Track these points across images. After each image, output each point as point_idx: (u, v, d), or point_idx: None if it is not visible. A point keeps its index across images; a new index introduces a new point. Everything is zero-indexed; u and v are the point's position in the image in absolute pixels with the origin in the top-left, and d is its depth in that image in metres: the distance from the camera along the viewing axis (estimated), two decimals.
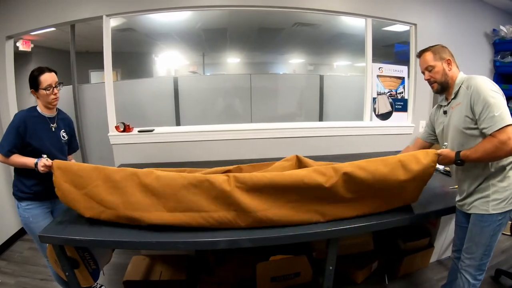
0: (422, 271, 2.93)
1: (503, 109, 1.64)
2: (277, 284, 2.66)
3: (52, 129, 2.21)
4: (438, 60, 1.88)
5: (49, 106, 2.18)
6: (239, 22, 5.40)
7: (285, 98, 5.25)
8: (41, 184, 2.14)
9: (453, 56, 1.92)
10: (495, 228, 1.79)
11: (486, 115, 1.66)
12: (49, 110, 2.21)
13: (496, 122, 1.63)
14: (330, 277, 1.94)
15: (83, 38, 4.20)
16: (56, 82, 2.14)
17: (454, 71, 1.89)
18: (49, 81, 2.09)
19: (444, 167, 2.83)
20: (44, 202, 2.22)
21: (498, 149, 1.63)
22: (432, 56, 1.90)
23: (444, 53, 1.89)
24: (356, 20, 4.01)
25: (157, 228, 1.75)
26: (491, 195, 1.76)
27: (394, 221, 1.93)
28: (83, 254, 1.97)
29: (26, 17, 3.24)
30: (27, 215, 2.19)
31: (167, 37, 6.34)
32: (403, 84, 3.69)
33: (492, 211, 1.76)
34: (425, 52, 1.94)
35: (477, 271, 1.88)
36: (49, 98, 2.12)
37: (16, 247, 3.41)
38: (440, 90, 1.95)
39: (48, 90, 2.09)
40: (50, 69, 2.15)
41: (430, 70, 1.91)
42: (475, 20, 3.94)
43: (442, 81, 1.90)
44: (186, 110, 4.69)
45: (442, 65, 1.88)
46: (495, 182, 1.76)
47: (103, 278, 2.64)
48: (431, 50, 1.92)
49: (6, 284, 2.77)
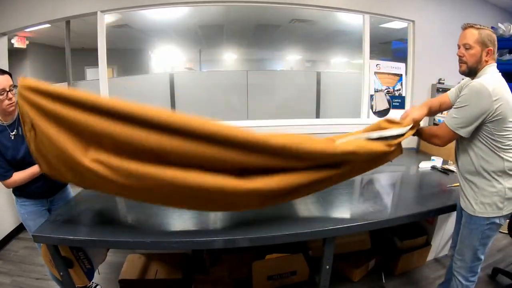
0: (419, 269, 2.93)
1: (463, 119, 1.68)
2: (273, 282, 2.65)
3: (11, 138, 1.99)
4: (480, 44, 1.71)
5: (6, 112, 1.95)
6: (235, 19, 5.38)
7: (282, 95, 5.22)
8: (36, 184, 2.09)
9: (496, 46, 1.75)
10: (483, 232, 1.78)
11: (455, 107, 1.74)
12: (7, 117, 1.99)
13: (449, 118, 1.76)
14: (327, 276, 1.92)
15: (79, 34, 4.16)
16: (10, 86, 1.89)
17: (489, 63, 1.75)
18: (2, 85, 1.84)
19: (442, 165, 2.83)
20: (40, 200, 2.17)
21: (432, 137, 1.88)
22: (476, 36, 1.70)
23: (489, 40, 1.71)
24: (353, 17, 3.98)
25: (153, 227, 1.73)
26: (479, 198, 1.76)
27: (391, 220, 1.92)
28: (78, 253, 1.95)
29: (20, 14, 3.20)
30: (23, 211, 2.15)
31: (163, 33, 6.31)
32: (401, 81, 3.67)
33: (479, 214, 1.76)
34: (471, 28, 1.73)
35: (469, 273, 1.89)
36: (3, 104, 1.88)
37: (12, 246, 3.37)
38: (467, 73, 1.80)
39: (1, 95, 1.85)
40: (4, 71, 1.92)
41: (467, 49, 1.73)
42: (474, 17, 3.91)
43: (473, 66, 1.75)
44: (182, 107, 4.66)
45: (481, 51, 1.71)
46: (484, 185, 1.75)
47: (99, 277, 2.62)
48: (479, 30, 1.71)
49: (1, 284, 2.74)
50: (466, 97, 1.66)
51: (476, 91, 1.64)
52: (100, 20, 3.13)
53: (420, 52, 3.60)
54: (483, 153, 1.72)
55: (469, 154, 1.79)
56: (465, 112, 1.66)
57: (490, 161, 1.71)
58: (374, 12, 3.52)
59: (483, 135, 1.70)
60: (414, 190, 2.39)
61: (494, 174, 1.71)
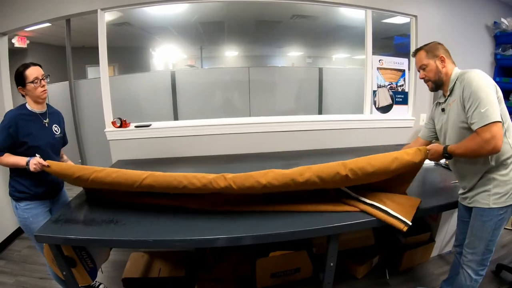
0: (423, 265, 2.92)
1: (491, 105, 1.60)
2: (277, 280, 2.65)
3: (45, 125, 2.16)
4: (431, 58, 1.88)
5: (39, 100, 2.11)
6: (236, 15, 5.35)
7: (284, 91, 5.21)
8: (40, 184, 2.12)
9: (448, 52, 1.90)
10: (496, 222, 1.77)
11: (474, 110, 1.64)
12: (39, 105, 2.15)
13: (481, 118, 1.61)
14: (330, 273, 1.91)
15: (79, 33, 4.15)
16: (42, 75, 2.08)
17: (449, 68, 1.86)
18: (35, 74, 2.03)
19: (445, 161, 2.81)
20: (43, 201, 2.18)
21: (480, 147, 1.62)
22: (424, 54, 1.90)
23: (437, 50, 1.87)
24: (355, 12, 3.96)
25: (155, 225, 1.72)
26: (492, 189, 1.75)
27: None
28: (80, 253, 1.94)
29: (20, 13, 3.18)
30: (26, 215, 2.14)
31: (164, 30, 6.30)
32: (404, 76, 3.64)
33: (493, 205, 1.75)
34: (419, 51, 1.94)
35: (479, 266, 1.88)
36: (38, 91, 2.05)
37: (15, 246, 3.38)
38: (435, 88, 1.95)
39: (35, 83, 2.03)
40: (35, 63, 2.10)
41: (424, 69, 1.91)
42: (476, 12, 3.88)
43: (436, 79, 1.89)
44: (184, 104, 4.65)
45: (435, 63, 1.87)
46: (497, 176, 1.73)
47: (102, 276, 2.63)
48: (424, 48, 1.91)
49: (4, 284, 2.74)
50: (476, 88, 1.65)
51: (477, 78, 1.68)
52: (100, 18, 3.12)
53: None
54: None
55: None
56: (487, 99, 1.61)
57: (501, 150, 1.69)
58: (377, 7, 3.49)
59: None
60: (418, 186, 2.37)
61: (506, 162, 1.71)
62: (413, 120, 3.68)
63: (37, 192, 2.13)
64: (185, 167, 2.87)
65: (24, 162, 1.97)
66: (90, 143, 4.21)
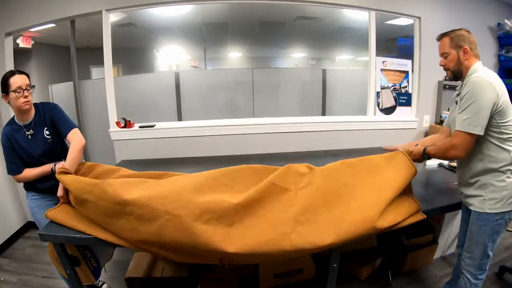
0: (426, 267, 2.91)
1: (475, 115, 1.63)
2: (279, 280, 2.65)
3: (28, 137, 2.08)
4: (454, 48, 1.79)
5: (20, 110, 2.03)
6: (240, 16, 5.36)
7: (288, 93, 5.21)
8: (43, 182, 2.14)
9: (474, 43, 1.82)
10: (493, 228, 1.76)
11: (460, 112, 1.69)
12: (23, 116, 2.08)
13: (461, 123, 1.67)
14: (333, 274, 1.91)
15: (84, 33, 4.16)
16: (27, 85, 1.99)
17: (471, 60, 1.79)
18: (18, 83, 1.94)
19: (449, 162, 2.80)
20: (47, 195, 2.19)
21: (447, 149, 1.74)
22: (448, 42, 1.81)
23: (462, 41, 1.79)
24: (358, 14, 3.95)
25: None
26: (488, 194, 1.74)
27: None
28: (84, 252, 1.96)
29: (25, 13, 3.21)
30: (32, 205, 2.21)
31: (168, 31, 6.31)
32: (407, 78, 3.64)
33: (488, 210, 1.74)
34: (444, 37, 1.85)
35: (477, 270, 1.88)
36: (19, 101, 1.97)
37: (18, 244, 3.40)
38: (453, 78, 1.87)
39: (17, 93, 1.94)
40: (22, 71, 2.03)
41: (445, 57, 1.84)
42: (480, 13, 3.87)
43: (455, 70, 1.82)
44: (188, 105, 4.66)
45: (457, 54, 1.79)
46: (493, 181, 1.73)
47: (105, 275, 2.64)
48: (450, 35, 1.82)
49: (8, 282, 2.76)
50: (471, 93, 1.65)
51: (478, 84, 1.65)
52: (105, 19, 3.14)
53: (427, 49, 3.56)
54: (491, 151, 1.72)
55: (475, 157, 1.77)
56: (474, 107, 1.63)
57: (497, 157, 1.70)
58: (380, 8, 3.49)
59: (489, 131, 1.69)
60: (421, 188, 2.36)
61: (503, 168, 1.70)
62: (417, 122, 3.68)
63: (39, 187, 2.17)
64: (189, 168, 2.87)
65: (49, 168, 2.04)
66: (95, 143, 4.22)
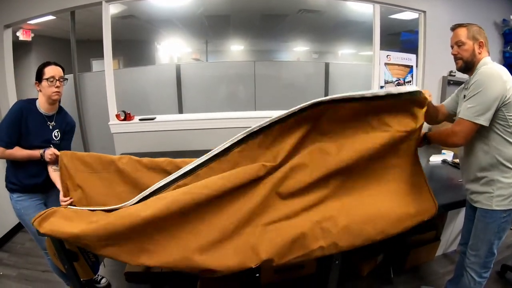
0: (428, 264, 2.90)
1: (480, 105, 1.61)
2: (281, 275, 2.63)
3: (49, 127, 2.14)
4: (471, 39, 1.76)
5: (50, 100, 2.08)
6: (242, 8, 5.31)
7: (290, 86, 5.18)
8: (32, 178, 2.10)
9: (486, 40, 1.80)
10: (499, 225, 1.74)
11: (465, 100, 1.69)
12: (49, 107, 2.12)
13: (464, 110, 1.66)
14: (336, 270, 1.91)
15: (84, 25, 4.12)
16: (60, 76, 2.07)
17: (483, 54, 1.78)
18: (52, 73, 2.02)
19: (453, 158, 2.78)
20: (35, 194, 2.17)
21: (447, 135, 1.74)
22: (466, 32, 1.78)
23: (479, 34, 1.77)
24: (362, 7, 3.91)
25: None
26: (496, 191, 1.71)
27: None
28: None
29: (24, 5, 3.18)
30: (18, 207, 2.16)
31: (169, 24, 6.26)
32: (411, 73, 3.60)
33: (496, 207, 1.72)
34: (460, 27, 1.81)
35: (482, 268, 1.86)
36: (50, 90, 2.03)
37: (18, 238, 3.39)
38: (464, 69, 1.82)
39: (50, 82, 2.02)
40: (58, 64, 2.10)
41: (460, 46, 1.79)
42: (485, 9, 3.82)
43: (469, 60, 1.78)
44: (189, 97, 4.64)
45: (473, 45, 1.76)
46: (500, 177, 1.70)
47: (104, 270, 2.63)
48: (467, 27, 1.79)
49: (8, 276, 2.76)
50: (479, 82, 1.63)
51: (488, 74, 1.64)
52: (105, 10, 3.10)
53: (431, 43, 3.52)
54: (497, 143, 1.69)
55: (482, 149, 1.74)
56: (481, 97, 1.61)
57: (505, 151, 1.67)
58: (385, 1, 3.44)
59: (496, 123, 1.67)
60: None
61: (510, 164, 1.67)
62: None
63: (27, 185, 2.11)
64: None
65: (38, 153, 2.00)
66: (94, 136, 4.21)
